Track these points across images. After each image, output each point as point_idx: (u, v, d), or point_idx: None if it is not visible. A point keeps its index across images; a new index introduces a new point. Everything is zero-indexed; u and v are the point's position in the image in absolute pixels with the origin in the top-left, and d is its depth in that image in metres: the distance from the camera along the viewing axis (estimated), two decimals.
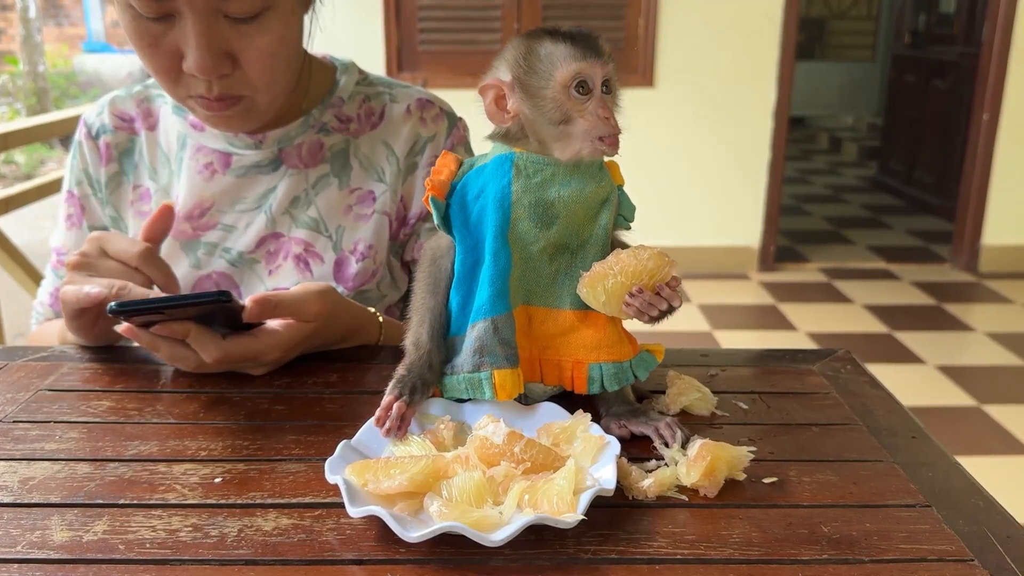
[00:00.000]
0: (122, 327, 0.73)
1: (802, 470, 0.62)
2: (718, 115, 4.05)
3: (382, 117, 1.02)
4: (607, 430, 0.65)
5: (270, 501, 0.58)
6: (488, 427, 0.60)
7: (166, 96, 1.02)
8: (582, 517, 0.52)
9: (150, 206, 1.01)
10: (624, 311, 0.64)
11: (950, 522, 0.56)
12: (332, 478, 0.56)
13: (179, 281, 0.87)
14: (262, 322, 0.77)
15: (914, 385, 2.98)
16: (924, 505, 0.58)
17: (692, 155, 4.10)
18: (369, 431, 0.63)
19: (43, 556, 0.52)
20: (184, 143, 1.00)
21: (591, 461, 0.60)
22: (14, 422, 0.70)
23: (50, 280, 1.06)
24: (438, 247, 0.70)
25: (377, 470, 0.56)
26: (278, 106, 0.95)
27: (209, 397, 0.75)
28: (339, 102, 1.01)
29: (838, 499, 0.58)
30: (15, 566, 0.51)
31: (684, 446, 0.63)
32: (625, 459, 0.60)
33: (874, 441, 0.67)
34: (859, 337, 3.44)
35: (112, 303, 0.70)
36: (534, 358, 0.67)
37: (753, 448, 0.61)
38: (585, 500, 0.53)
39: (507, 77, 0.66)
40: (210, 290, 0.96)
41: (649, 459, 0.63)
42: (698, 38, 3.95)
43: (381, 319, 0.90)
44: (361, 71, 1.05)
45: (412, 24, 3.96)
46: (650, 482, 0.58)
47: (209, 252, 0.98)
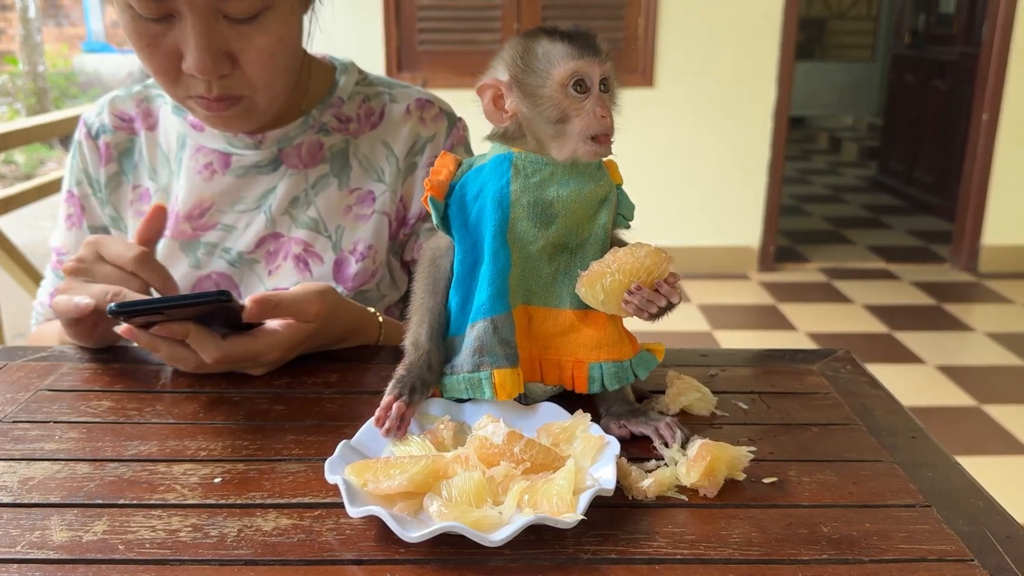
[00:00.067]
0: (122, 328, 0.73)
1: (802, 470, 0.62)
2: (718, 115, 4.05)
3: (382, 117, 1.02)
4: (607, 430, 0.65)
5: (270, 501, 0.58)
6: (488, 427, 0.60)
7: (166, 96, 1.02)
8: (582, 517, 0.52)
9: (149, 206, 1.01)
10: (623, 309, 0.64)
11: (950, 522, 0.56)
12: (332, 478, 0.56)
13: (179, 281, 0.87)
14: (262, 322, 0.77)
15: (914, 385, 2.98)
16: (924, 505, 0.58)
17: (692, 155, 4.10)
18: (369, 431, 0.63)
19: (43, 556, 0.52)
20: (184, 143, 1.00)
21: (591, 461, 0.60)
22: (14, 422, 0.70)
23: (50, 280, 1.06)
24: (437, 247, 0.70)
25: (377, 470, 0.56)
26: (277, 106, 0.95)
27: (209, 397, 0.75)
28: (339, 102, 1.01)
29: (838, 499, 0.58)
30: (15, 566, 0.51)
31: (684, 446, 0.63)
32: (625, 459, 0.60)
33: (874, 441, 0.67)
34: (859, 337, 3.44)
35: (111, 304, 0.70)
36: (534, 358, 0.67)
37: (753, 448, 0.61)
38: (585, 500, 0.53)
39: (505, 76, 0.65)
40: (210, 290, 0.96)
41: (649, 459, 0.63)
42: (698, 38, 3.95)
43: (381, 319, 0.90)
44: (361, 71, 1.05)
45: (412, 24, 3.96)
46: (650, 482, 0.58)
47: (209, 252, 0.98)
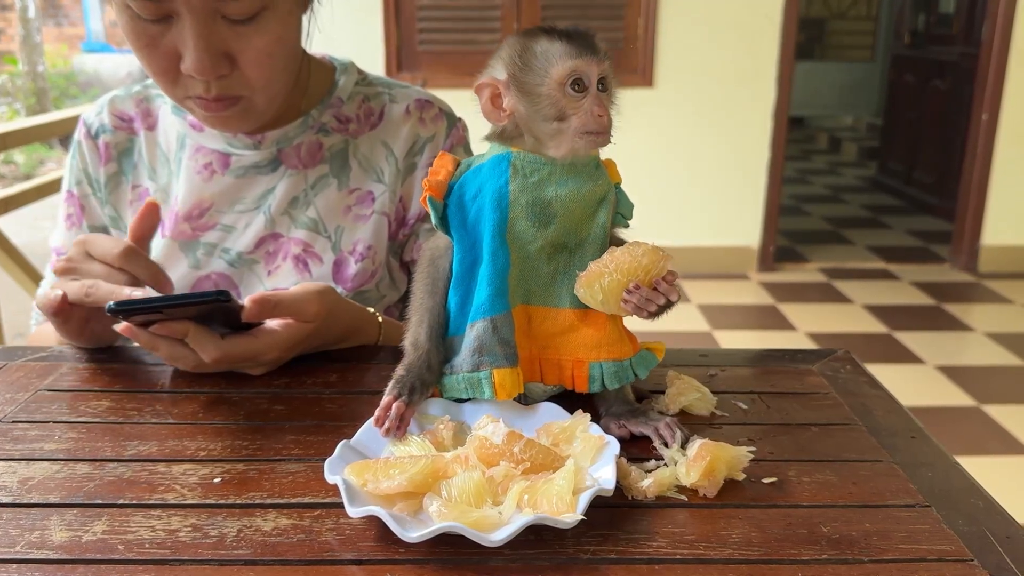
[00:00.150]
0: (121, 326, 0.73)
1: (802, 470, 0.62)
2: (718, 115, 4.05)
3: (381, 117, 1.02)
4: (607, 430, 0.65)
5: (269, 501, 0.58)
6: (487, 427, 0.60)
7: (165, 96, 1.02)
8: (581, 517, 0.52)
9: None
10: (622, 308, 0.64)
11: (950, 522, 0.56)
12: (331, 478, 0.56)
13: (178, 281, 0.86)
14: (261, 322, 0.77)
15: (914, 385, 2.98)
16: (924, 505, 0.58)
17: (692, 155, 4.10)
18: (368, 431, 0.63)
19: (42, 556, 0.52)
20: (183, 143, 1.00)
21: (591, 461, 0.60)
22: (13, 422, 0.70)
23: (49, 280, 1.06)
24: (436, 247, 0.69)
25: (376, 470, 0.56)
26: (276, 106, 0.95)
27: (208, 397, 0.75)
28: (338, 102, 1.01)
29: (838, 499, 0.58)
30: (14, 566, 0.51)
31: (684, 446, 0.63)
32: (625, 459, 0.60)
33: (874, 441, 0.67)
34: (859, 337, 3.44)
35: (111, 303, 0.70)
36: (534, 358, 0.67)
37: (752, 448, 0.61)
38: (584, 500, 0.53)
39: (503, 75, 0.65)
40: (209, 290, 0.96)
41: (649, 459, 0.63)
42: (698, 38, 3.95)
43: (380, 319, 0.90)
44: (360, 71, 1.05)
45: (411, 24, 3.96)
46: (649, 482, 0.58)
47: (208, 252, 0.98)
